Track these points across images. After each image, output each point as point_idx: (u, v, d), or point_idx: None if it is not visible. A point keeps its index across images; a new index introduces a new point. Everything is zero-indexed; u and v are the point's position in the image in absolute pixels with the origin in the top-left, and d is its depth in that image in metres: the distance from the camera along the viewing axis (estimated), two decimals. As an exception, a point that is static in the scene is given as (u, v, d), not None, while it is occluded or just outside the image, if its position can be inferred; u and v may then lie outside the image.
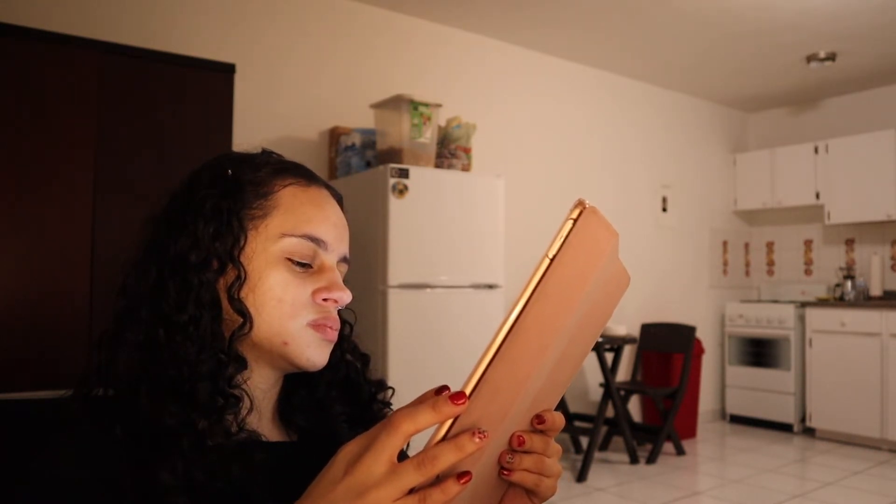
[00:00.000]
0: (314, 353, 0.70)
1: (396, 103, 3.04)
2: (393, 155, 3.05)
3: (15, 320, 2.23)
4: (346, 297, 0.71)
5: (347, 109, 3.60)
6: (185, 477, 0.59)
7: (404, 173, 2.89)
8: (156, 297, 0.66)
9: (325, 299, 0.70)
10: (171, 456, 0.59)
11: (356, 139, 3.30)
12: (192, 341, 0.64)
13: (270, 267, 0.68)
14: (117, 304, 0.68)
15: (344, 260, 0.75)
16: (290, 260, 0.69)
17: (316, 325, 0.70)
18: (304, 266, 0.70)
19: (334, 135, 3.42)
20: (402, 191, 2.88)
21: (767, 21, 3.96)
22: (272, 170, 0.73)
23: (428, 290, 2.95)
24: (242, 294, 0.67)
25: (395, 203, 2.86)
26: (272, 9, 3.44)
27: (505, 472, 0.56)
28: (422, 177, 2.95)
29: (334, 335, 0.71)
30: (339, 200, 0.78)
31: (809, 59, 4.52)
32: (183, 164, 2.49)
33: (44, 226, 2.30)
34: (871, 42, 4.27)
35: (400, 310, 2.86)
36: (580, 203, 0.51)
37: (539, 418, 0.56)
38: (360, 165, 3.28)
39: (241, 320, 0.67)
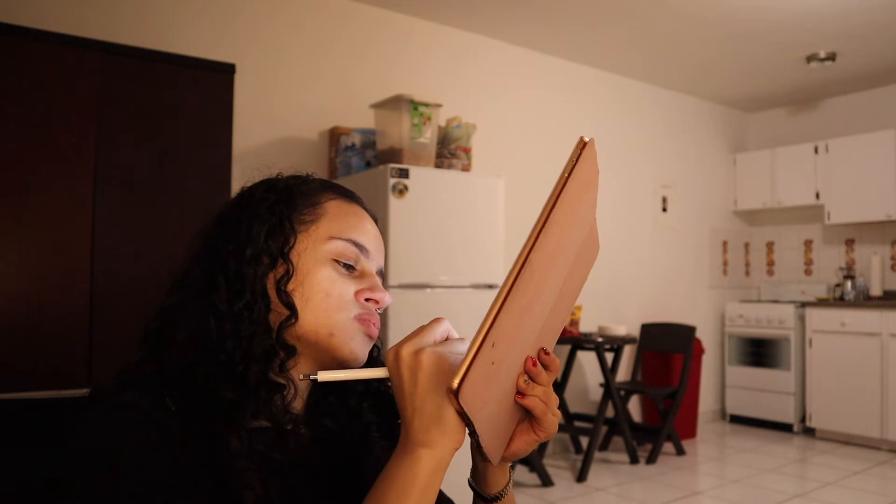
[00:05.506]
0: (357, 345, 0.74)
1: (396, 103, 3.04)
2: (393, 155, 3.05)
3: (15, 320, 2.23)
4: (387, 298, 0.77)
5: (347, 109, 3.60)
6: (249, 446, 0.65)
7: (404, 173, 2.89)
8: (207, 292, 0.71)
9: (367, 299, 0.75)
10: (235, 425, 0.65)
11: (356, 139, 3.30)
12: (245, 327, 0.69)
13: (319, 265, 0.74)
14: (166, 302, 0.73)
15: (380, 273, 0.80)
16: (336, 261, 0.75)
17: (361, 319, 0.75)
18: (349, 268, 0.76)
19: (334, 135, 3.42)
20: (402, 191, 2.88)
21: (768, 21, 3.95)
22: (319, 185, 0.80)
23: (428, 290, 2.95)
24: (290, 287, 0.72)
25: (395, 203, 2.86)
26: (272, 9, 3.44)
27: (519, 396, 0.63)
28: (422, 177, 2.95)
29: (376, 332, 0.77)
30: (375, 220, 0.84)
31: (809, 59, 4.51)
32: (183, 164, 2.50)
33: (44, 226, 2.30)
34: (871, 42, 4.27)
35: (400, 310, 2.86)
36: (582, 138, 0.62)
37: (544, 350, 0.65)
38: (360, 165, 3.28)
39: (288, 312, 0.71)
